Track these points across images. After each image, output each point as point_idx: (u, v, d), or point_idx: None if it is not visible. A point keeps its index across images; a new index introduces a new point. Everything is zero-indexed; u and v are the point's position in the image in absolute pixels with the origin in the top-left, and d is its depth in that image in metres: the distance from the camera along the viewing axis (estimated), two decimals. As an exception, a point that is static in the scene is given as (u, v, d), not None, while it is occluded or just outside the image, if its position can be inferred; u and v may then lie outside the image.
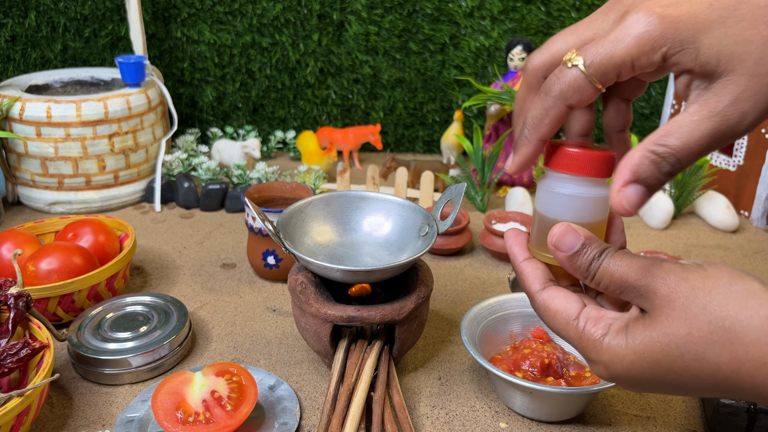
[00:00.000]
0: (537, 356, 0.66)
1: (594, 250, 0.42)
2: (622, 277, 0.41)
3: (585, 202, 0.45)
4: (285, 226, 0.68)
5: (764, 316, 0.36)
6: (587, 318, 0.43)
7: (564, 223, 0.44)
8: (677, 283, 0.38)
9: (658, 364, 0.39)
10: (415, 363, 0.72)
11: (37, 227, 0.88)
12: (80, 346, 0.68)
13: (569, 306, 0.44)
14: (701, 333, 0.37)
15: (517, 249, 0.49)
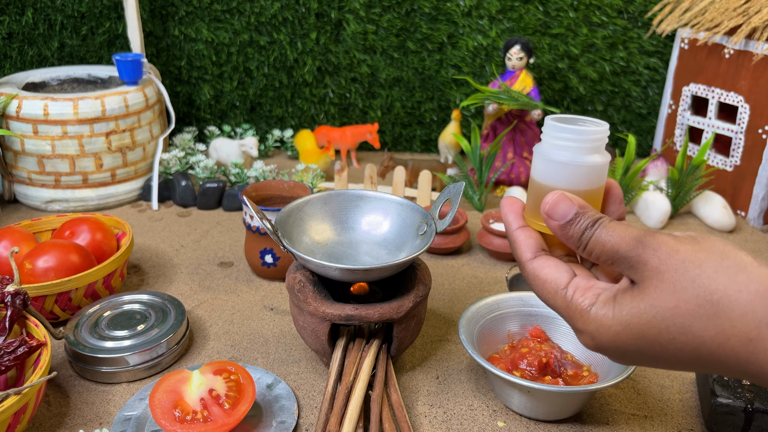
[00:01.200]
0: (535, 355, 0.66)
1: (587, 219, 0.42)
2: (613, 247, 0.40)
3: (580, 169, 0.45)
4: (283, 225, 0.68)
5: (753, 292, 0.35)
6: (576, 287, 0.42)
7: (558, 191, 0.44)
8: (668, 255, 0.38)
9: (644, 335, 0.39)
10: (413, 362, 0.72)
11: (33, 225, 0.88)
12: (77, 345, 0.68)
13: (558, 275, 0.43)
14: (688, 306, 0.37)
15: (512, 217, 0.48)
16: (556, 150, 0.46)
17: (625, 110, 1.38)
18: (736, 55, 1.07)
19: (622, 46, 1.32)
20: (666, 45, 1.30)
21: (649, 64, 1.32)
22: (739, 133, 1.09)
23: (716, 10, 1.08)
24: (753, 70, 1.04)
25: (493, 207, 1.15)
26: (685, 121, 1.21)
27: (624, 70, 1.34)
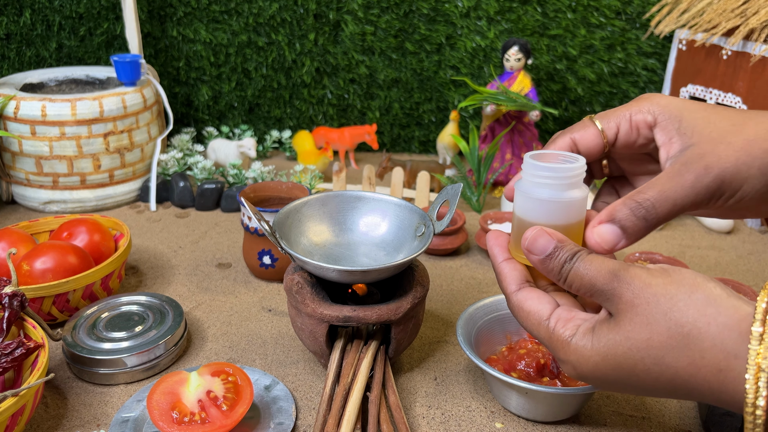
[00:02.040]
0: (532, 356, 0.66)
1: (566, 253, 0.44)
2: (591, 280, 0.42)
3: (559, 205, 0.47)
4: (281, 226, 0.68)
5: (722, 324, 0.36)
6: (558, 318, 0.44)
7: (537, 227, 0.46)
8: (641, 288, 0.39)
9: (621, 366, 0.40)
10: (411, 363, 0.72)
11: (31, 226, 0.87)
12: (75, 346, 0.68)
13: (541, 307, 0.45)
14: (661, 338, 0.38)
15: (497, 250, 0.51)
16: (535, 187, 0.47)
17: (623, 111, 1.38)
18: (734, 56, 1.07)
19: (620, 47, 1.32)
20: (664, 46, 1.30)
21: (647, 66, 1.32)
22: (736, 134, 1.09)
23: (714, 11, 1.08)
24: (751, 71, 1.04)
25: (491, 208, 1.15)
26: (683, 122, 1.21)
27: (622, 71, 1.34)
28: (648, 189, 0.43)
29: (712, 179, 0.42)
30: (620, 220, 0.44)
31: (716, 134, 0.42)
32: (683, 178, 0.42)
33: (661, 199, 0.42)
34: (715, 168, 0.42)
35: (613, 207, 0.44)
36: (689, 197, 0.42)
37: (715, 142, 0.42)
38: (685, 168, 0.42)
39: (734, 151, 0.41)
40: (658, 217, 0.43)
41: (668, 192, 0.42)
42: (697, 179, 0.42)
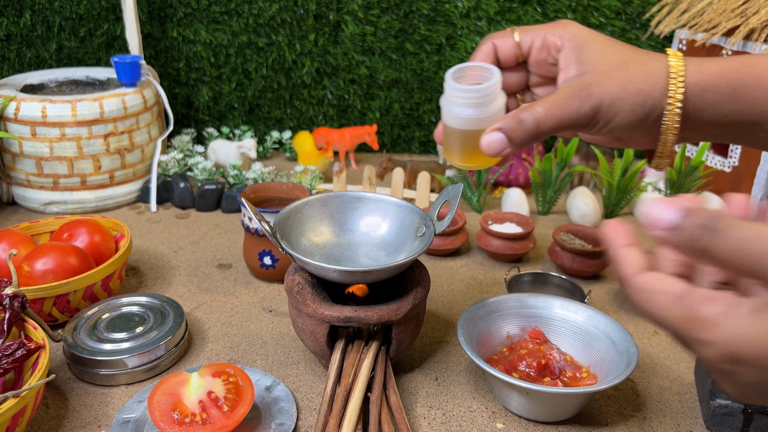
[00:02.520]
0: (534, 357, 0.66)
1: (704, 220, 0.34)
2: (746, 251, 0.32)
3: (478, 120, 0.51)
4: (282, 227, 0.68)
5: None
6: (699, 296, 0.35)
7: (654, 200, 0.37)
8: None
9: None
10: (412, 363, 0.72)
11: (32, 227, 0.87)
12: (76, 347, 0.68)
13: (674, 287, 0.36)
14: None
15: (615, 235, 0.41)
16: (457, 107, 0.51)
17: (624, 111, 1.37)
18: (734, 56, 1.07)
19: (620, 47, 1.31)
20: (664, 46, 1.30)
21: (648, 65, 1.32)
22: (737, 134, 1.09)
23: (714, 11, 1.08)
24: (751, 71, 1.04)
25: (491, 208, 1.15)
26: (684, 122, 1.21)
27: (622, 71, 1.33)
28: (538, 105, 0.47)
29: (591, 107, 0.46)
30: (507, 130, 0.48)
31: (605, 68, 0.47)
32: (569, 102, 0.47)
33: (547, 116, 0.47)
34: (595, 97, 0.46)
35: (505, 119, 0.49)
36: (571, 119, 0.47)
37: (601, 75, 0.47)
38: (573, 93, 0.47)
39: (614, 86, 0.46)
40: (542, 132, 0.48)
41: (554, 110, 0.47)
42: (580, 104, 0.47)
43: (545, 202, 1.11)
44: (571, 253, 0.89)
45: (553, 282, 0.85)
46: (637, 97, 0.46)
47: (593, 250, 0.88)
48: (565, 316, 0.71)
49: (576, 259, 0.89)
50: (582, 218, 1.06)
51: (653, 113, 0.46)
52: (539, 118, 0.47)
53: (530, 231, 0.94)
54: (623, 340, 0.65)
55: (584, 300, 0.80)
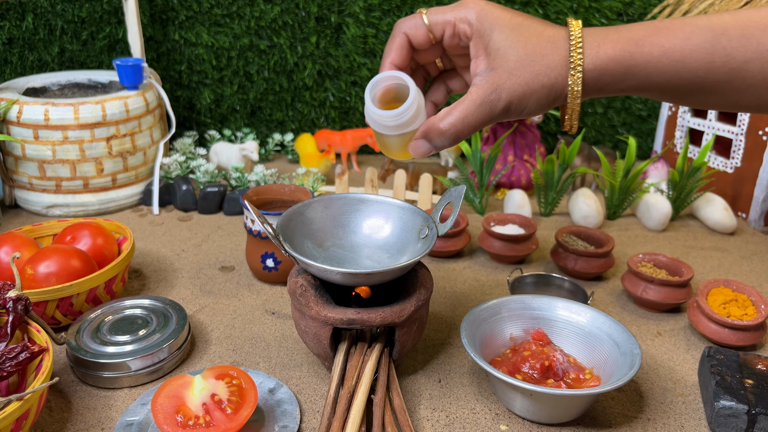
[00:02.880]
0: (537, 358, 0.66)
1: None
2: None
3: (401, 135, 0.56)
4: (284, 229, 0.68)
5: None
6: None
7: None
8: None
9: None
10: (415, 365, 0.72)
11: (35, 230, 0.87)
12: (79, 350, 0.68)
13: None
14: None
15: None
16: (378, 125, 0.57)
17: (626, 112, 1.38)
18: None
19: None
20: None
21: (649, 67, 1.32)
22: (739, 135, 1.09)
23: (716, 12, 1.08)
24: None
25: (494, 210, 1.15)
26: (686, 123, 1.21)
27: (624, 73, 1.34)
28: (455, 113, 0.52)
29: (501, 109, 0.52)
30: (430, 139, 0.55)
31: (512, 63, 0.51)
32: (482, 108, 0.52)
33: (464, 125, 0.53)
34: (503, 100, 0.51)
35: (428, 128, 0.54)
36: (486, 120, 0.53)
37: (509, 73, 0.51)
38: (484, 97, 0.51)
39: (520, 85, 0.51)
40: (461, 137, 0.54)
41: (469, 119, 0.52)
42: (491, 109, 0.52)
43: (547, 203, 1.11)
44: (574, 254, 0.89)
45: (556, 283, 0.85)
46: (542, 91, 0.51)
47: (596, 251, 0.88)
48: (568, 317, 0.71)
49: (579, 260, 0.89)
50: (584, 219, 1.06)
51: (557, 99, 0.52)
52: (457, 128, 0.53)
53: (533, 232, 0.94)
54: (626, 341, 0.65)
55: (587, 301, 0.80)
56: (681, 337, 0.78)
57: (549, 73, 0.51)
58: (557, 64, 0.51)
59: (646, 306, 0.83)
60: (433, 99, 0.62)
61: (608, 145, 1.41)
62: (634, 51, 0.49)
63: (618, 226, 1.09)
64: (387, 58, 0.56)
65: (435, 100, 0.62)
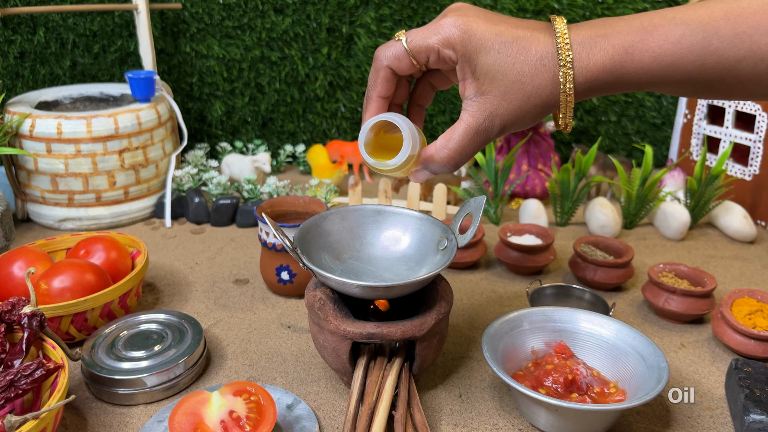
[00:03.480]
0: (560, 372, 0.64)
1: None
2: None
3: None
4: (302, 242, 0.67)
5: None
6: None
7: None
8: None
9: None
10: (435, 380, 0.70)
11: (48, 244, 0.87)
12: (94, 366, 0.67)
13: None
14: None
15: None
16: None
17: (639, 120, 1.36)
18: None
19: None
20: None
21: (663, 74, 1.31)
22: (757, 142, 1.07)
23: None
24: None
25: (509, 220, 1.14)
26: (702, 131, 1.20)
27: (638, 80, 1.32)
28: (451, 143, 0.53)
29: (497, 132, 0.52)
30: (431, 169, 0.56)
31: (504, 88, 0.50)
32: (477, 137, 0.52)
33: (461, 155, 0.53)
34: (497, 126, 0.52)
35: (427, 158, 0.55)
36: (482, 146, 0.53)
37: (500, 98, 0.51)
38: (478, 127, 0.52)
39: (513, 108, 0.51)
40: (461, 164, 0.54)
41: (467, 149, 0.53)
42: (487, 135, 0.52)
43: (563, 213, 1.09)
44: (593, 264, 0.88)
45: (576, 295, 0.84)
46: (535, 110, 0.52)
47: (616, 261, 0.87)
48: (591, 329, 0.69)
49: (598, 270, 0.88)
50: (601, 229, 1.04)
51: (550, 110, 0.53)
52: (455, 159, 0.54)
53: (550, 243, 0.92)
54: (652, 354, 0.63)
55: (609, 313, 0.79)
56: (705, 348, 0.77)
57: (540, 93, 0.50)
58: (548, 83, 0.50)
59: (668, 317, 0.82)
60: (420, 102, 0.61)
61: (622, 153, 1.40)
62: (624, 60, 0.49)
63: (635, 236, 1.08)
64: (373, 91, 0.56)
65: (421, 102, 0.61)
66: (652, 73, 0.49)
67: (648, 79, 0.49)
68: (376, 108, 0.57)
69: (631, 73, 0.49)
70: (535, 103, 0.51)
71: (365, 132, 0.56)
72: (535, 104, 0.51)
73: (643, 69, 0.49)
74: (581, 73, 0.49)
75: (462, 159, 0.54)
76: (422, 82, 0.60)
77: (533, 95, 0.50)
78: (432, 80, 0.59)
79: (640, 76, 0.49)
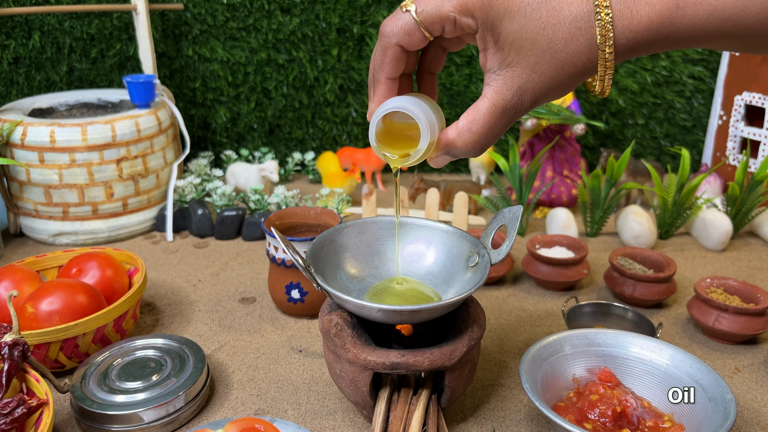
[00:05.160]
0: (607, 403, 0.57)
1: None
2: None
3: None
4: (315, 258, 0.60)
5: None
6: None
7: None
8: None
9: None
10: (464, 411, 0.63)
11: (38, 262, 0.80)
12: (84, 400, 0.60)
13: None
14: None
15: None
16: None
17: (668, 123, 1.29)
18: None
19: (664, 54, 1.23)
20: (711, 52, 1.22)
21: (694, 73, 1.24)
22: (802, 144, 1.00)
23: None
24: (818, 75, 0.95)
25: (534, 230, 1.06)
26: (739, 133, 1.12)
27: (666, 80, 1.25)
28: (475, 124, 0.46)
29: (527, 108, 0.46)
30: (454, 154, 0.49)
31: (533, 59, 0.44)
32: (506, 115, 0.46)
33: (489, 136, 0.47)
34: (529, 99, 0.46)
35: (448, 143, 0.48)
36: (510, 124, 0.47)
37: (530, 70, 0.44)
38: (508, 102, 0.45)
39: (546, 80, 0.45)
40: (486, 148, 0.48)
41: (494, 129, 0.46)
42: (516, 112, 0.46)
43: (594, 222, 1.02)
44: (632, 279, 0.80)
45: (617, 313, 0.76)
46: (569, 81, 0.45)
47: (657, 276, 0.79)
48: (640, 354, 0.62)
49: (637, 286, 0.80)
50: (636, 240, 0.97)
51: (586, 79, 0.47)
52: (481, 143, 0.48)
53: (584, 255, 0.85)
54: (714, 384, 0.56)
55: (655, 334, 0.71)
56: (763, 372, 0.69)
57: (575, 61, 0.44)
58: (584, 48, 0.44)
59: (718, 337, 0.74)
60: (431, 69, 0.54)
61: (650, 158, 1.32)
62: (675, 16, 0.42)
63: (672, 246, 1.00)
64: (381, 72, 0.49)
65: (433, 69, 0.54)
66: (706, 30, 0.42)
67: (700, 35, 0.43)
68: (385, 91, 0.50)
69: (682, 30, 0.42)
70: (570, 72, 0.45)
71: (375, 125, 0.49)
72: (569, 73, 0.45)
73: (696, 25, 0.42)
74: (623, 33, 0.43)
75: (488, 142, 0.48)
76: (432, 46, 0.53)
77: (567, 63, 0.44)
78: (443, 43, 0.52)
79: (692, 33, 0.43)
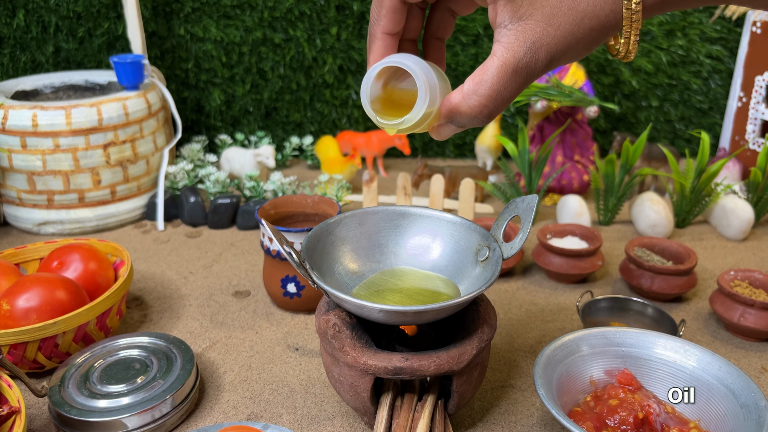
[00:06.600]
0: (628, 409, 0.53)
1: None
2: None
3: None
4: (311, 252, 0.55)
5: None
6: None
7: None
8: None
9: None
10: (472, 416, 0.58)
11: (18, 254, 0.75)
12: (63, 405, 0.55)
13: None
14: None
15: None
16: None
17: (684, 105, 1.23)
18: None
19: (680, 33, 1.18)
20: (731, 31, 1.16)
21: (712, 53, 1.18)
22: (827, 127, 0.94)
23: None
24: None
25: (545, 218, 1.01)
26: (760, 116, 1.07)
27: (683, 60, 1.19)
28: (482, 86, 0.41)
29: (542, 68, 0.41)
30: (459, 123, 0.44)
31: (549, 9, 0.40)
32: (518, 76, 0.41)
33: (499, 100, 0.42)
34: (544, 58, 0.41)
35: (452, 109, 0.43)
36: (524, 87, 0.42)
37: (546, 23, 0.40)
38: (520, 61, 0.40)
39: (563, 35, 0.40)
40: (496, 114, 0.43)
41: (504, 92, 0.41)
42: (530, 73, 0.41)
43: (607, 210, 0.97)
44: (651, 272, 0.75)
45: (636, 309, 0.71)
46: (590, 36, 0.41)
47: (677, 268, 0.74)
48: (663, 356, 0.58)
49: (656, 278, 0.75)
50: (652, 228, 0.92)
51: (608, 35, 0.42)
52: (489, 107, 0.42)
53: (598, 246, 0.80)
54: (746, 389, 0.52)
55: (678, 332, 0.66)
56: (793, 373, 0.64)
57: (597, 12, 0.40)
58: None
59: (744, 334, 0.70)
60: (438, 35, 0.49)
61: (664, 141, 1.27)
62: None
63: (690, 236, 0.95)
64: (377, 26, 0.45)
65: (440, 34, 0.49)
66: None
67: None
68: (383, 48, 0.45)
69: None
70: (591, 26, 0.40)
71: (369, 82, 0.44)
72: (590, 26, 0.40)
73: None
74: None
75: (497, 107, 0.42)
76: (439, 9, 0.48)
77: (588, 15, 0.40)
78: (451, 4, 0.48)
79: None
